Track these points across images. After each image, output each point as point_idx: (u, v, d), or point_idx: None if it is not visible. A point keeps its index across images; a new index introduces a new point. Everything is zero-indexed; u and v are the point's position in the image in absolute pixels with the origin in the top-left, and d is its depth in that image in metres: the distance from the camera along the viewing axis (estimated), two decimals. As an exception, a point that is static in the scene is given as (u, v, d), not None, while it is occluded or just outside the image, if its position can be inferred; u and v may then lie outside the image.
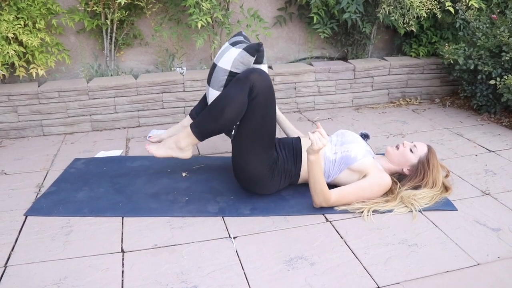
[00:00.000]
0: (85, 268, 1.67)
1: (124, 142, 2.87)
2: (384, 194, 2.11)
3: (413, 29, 3.39)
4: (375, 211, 2.02)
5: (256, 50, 2.03)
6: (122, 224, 1.95)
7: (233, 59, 2.04)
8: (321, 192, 1.95)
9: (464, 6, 3.36)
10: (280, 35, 3.70)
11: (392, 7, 3.27)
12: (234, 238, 1.86)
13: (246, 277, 1.63)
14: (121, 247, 1.80)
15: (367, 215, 1.99)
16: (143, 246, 1.80)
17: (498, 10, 3.55)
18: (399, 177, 2.21)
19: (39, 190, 2.26)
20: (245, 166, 2.04)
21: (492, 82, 3.05)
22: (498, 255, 1.75)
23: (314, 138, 1.84)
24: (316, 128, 1.88)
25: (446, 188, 2.19)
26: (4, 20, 2.74)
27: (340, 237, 1.87)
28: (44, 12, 2.91)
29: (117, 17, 3.07)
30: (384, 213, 2.02)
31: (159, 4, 3.25)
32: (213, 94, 2.09)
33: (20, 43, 2.89)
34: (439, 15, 3.28)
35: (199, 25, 2.98)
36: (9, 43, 2.79)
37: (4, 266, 1.68)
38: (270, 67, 3.41)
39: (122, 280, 1.61)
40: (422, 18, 3.51)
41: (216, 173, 2.41)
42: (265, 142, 2.03)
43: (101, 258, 1.73)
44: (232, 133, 2.03)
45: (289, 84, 3.37)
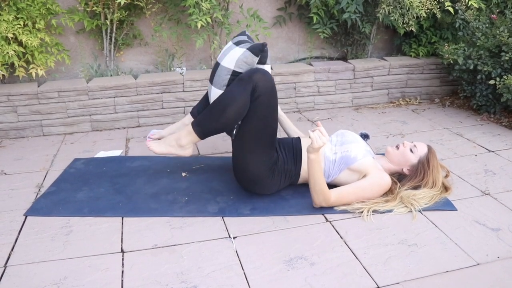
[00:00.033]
0: (85, 268, 1.67)
1: (124, 142, 2.87)
2: (384, 194, 2.11)
3: (413, 29, 3.39)
4: (375, 211, 2.02)
5: (260, 51, 2.02)
6: (122, 224, 1.96)
7: (237, 59, 2.03)
8: (321, 192, 1.95)
9: (464, 6, 3.36)
10: (280, 35, 3.70)
11: (392, 7, 3.27)
12: (234, 238, 1.86)
13: (246, 277, 1.63)
14: (121, 247, 1.80)
15: (367, 215, 1.99)
16: (143, 246, 1.80)
17: (498, 10, 3.55)
18: (399, 177, 2.21)
19: (39, 190, 2.26)
20: (246, 166, 2.04)
21: (492, 82, 3.05)
22: (498, 255, 1.75)
23: (314, 136, 1.84)
24: (316, 127, 1.88)
25: (446, 188, 2.20)
26: (4, 20, 2.74)
27: (340, 237, 1.87)
28: (44, 12, 2.91)
29: (117, 17, 3.07)
30: (384, 213, 2.02)
31: (159, 4, 3.25)
32: (215, 93, 2.09)
33: (20, 43, 2.89)
34: (439, 15, 3.28)
35: (199, 25, 2.98)
36: (9, 43, 2.79)
37: (4, 266, 1.68)
38: (270, 67, 3.41)
39: (122, 280, 1.61)
40: (422, 18, 3.51)
41: (216, 173, 2.41)
42: (266, 143, 2.03)
43: (101, 258, 1.73)
44: (234, 133, 2.03)
45: (289, 84, 3.37)
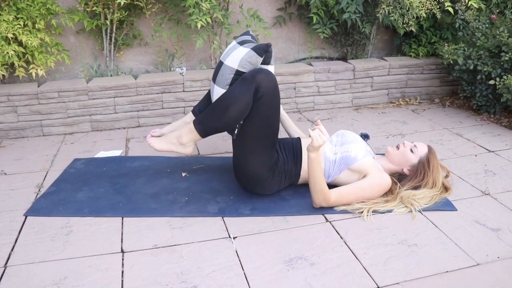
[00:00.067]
0: (85, 268, 1.67)
1: (124, 142, 2.87)
2: (384, 194, 2.11)
3: (413, 29, 3.39)
4: (375, 211, 2.02)
5: (265, 51, 2.02)
6: (122, 224, 1.95)
7: (241, 58, 2.03)
8: (321, 192, 1.95)
9: (464, 6, 3.36)
10: (280, 35, 3.70)
11: (392, 7, 3.27)
12: (234, 238, 1.86)
13: (246, 277, 1.63)
14: (121, 247, 1.80)
15: (367, 215, 1.99)
16: (143, 246, 1.80)
17: (498, 10, 3.55)
18: (399, 177, 2.21)
19: (39, 190, 2.25)
20: (246, 166, 2.04)
21: (492, 82, 3.05)
22: (498, 255, 1.75)
23: (314, 135, 1.84)
24: (316, 126, 1.88)
25: (446, 188, 2.19)
26: (4, 20, 2.74)
27: (340, 237, 1.87)
28: (44, 12, 2.91)
29: (117, 17, 3.07)
30: (384, 213, 2.02)
31: (159, 4, 3.25)
32: (218, 92, 2.09)
33: (20, 43, 2.89)
34: (439, 15, 3.28)
35: (199, 25, 2.98)
36: (9, 43, 2.79)
37: (4, 266, 1.68)
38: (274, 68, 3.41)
39: (122, 280, 1.61)
40: (422, 18, 3.51)
41: (216, 173, 2.41)
42: (268, 143, 2.03)
43: (101, 258, 1.73)
44: (235, 132, 2.03)
45: (289, 84, 3.37)
